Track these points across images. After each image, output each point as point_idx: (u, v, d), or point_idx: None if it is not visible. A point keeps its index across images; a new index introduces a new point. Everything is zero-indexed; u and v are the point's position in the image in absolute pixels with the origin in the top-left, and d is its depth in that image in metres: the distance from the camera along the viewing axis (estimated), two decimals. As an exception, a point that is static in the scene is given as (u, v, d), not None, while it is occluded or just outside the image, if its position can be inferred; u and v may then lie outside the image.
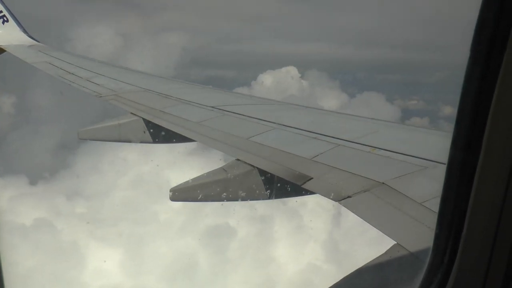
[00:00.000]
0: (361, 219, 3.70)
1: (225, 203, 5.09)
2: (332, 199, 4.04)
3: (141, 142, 7.21)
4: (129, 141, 7.43)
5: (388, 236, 3.35)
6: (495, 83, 1.34)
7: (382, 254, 3.15)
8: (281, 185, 4.79)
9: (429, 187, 3.83)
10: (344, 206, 3.88)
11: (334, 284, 3.02)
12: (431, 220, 3.26)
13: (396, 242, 3.18)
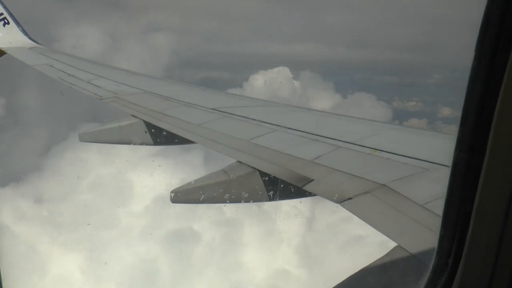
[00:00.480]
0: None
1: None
2: (333, 201, 4.05)
3: (142, 144, 7.21)
4: (130, 143, 7.43)
5: (390, 238, 3.35)
6: (500, 83, 1.34)
7: (383, 256, 3.15)
8: (282, 187, 4.79)
9: (431, 189, 3.83)
10: (345, 208, 3.88)
11: (335, 286, 3.02)
12: (433, 222, 3.26)
13: (397, 244, 3.19)
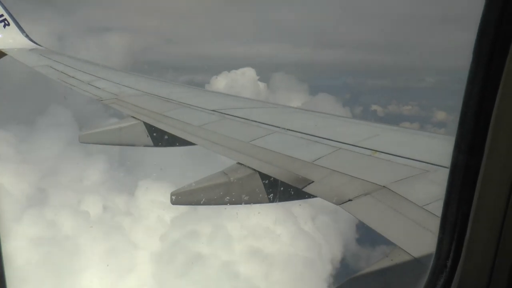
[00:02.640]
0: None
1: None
2: (333, 202, 4.05)
3: (142, 145, 7.22)
4: (130, 145, 7.43)
5: (390, 239, 3.35)
6: (498, 86, 1.34)
7: (384, 258, 3.15)
8: (282, 189, 4.79)
9: (430, 191, 3.83)
10: (345, 210, 3.89)
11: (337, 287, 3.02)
12: (433, 224, 3.26)
13: (397, 246, 3.19)
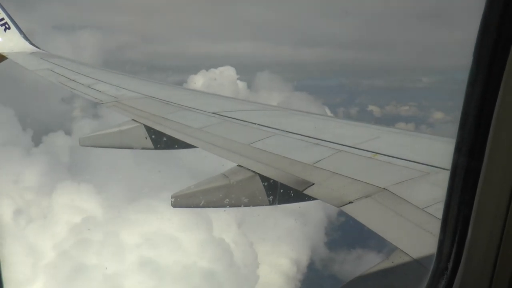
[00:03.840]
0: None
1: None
2: (333, 204, 4.04)
3: (143, 148, 7.22)
4: (131, 148, 7.43)
5: (390, 241, 3.34)
6: (498, 88, 1.34)
7: (384, 260, 3.14)
8: (282, 191, 4.79)
9: (431, 193, 3.83)
10: (346, 212, 3.88)
11: None
12: (433, 226, 3.26)
13: (398, 248, 3.18)
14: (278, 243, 48.74)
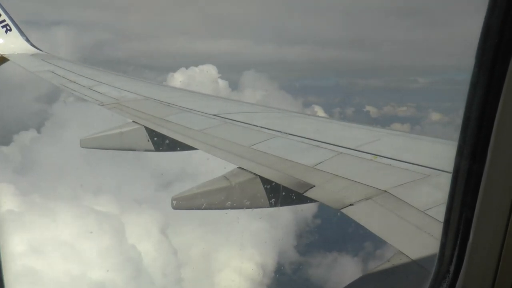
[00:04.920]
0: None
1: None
2: (334, 207, 4.04)
3: (143, 150, 7.22)
4: (131, 150, 7.44)
5: (391, 244, 3.34)
6: (501, 90, 1.34)
7: (385, 262, 3.14)
8: (283, 193, 4.79)
9: (432, 195, 3.83)
10: (347, 214, 3.88)
11: None
12: (434, 228, 3.26)
13: (399, 250, 3.18)
14: (244, 247, 47.23)
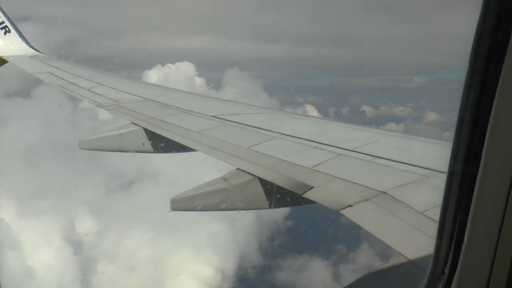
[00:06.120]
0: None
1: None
2: (333, 208, 4.04)
3: (142, 151, 7.22)
4: (130, 151, 7.44)
5: (390, 245, 3.34)
6: (494, 94, 1.35)
7: (383, 263, 3.14)
8: (281, 195, 4.79)
9: (430, 196, 3.83)
10: (345, 215, 3.88)
11: None
12: (432, 230, 3.25)
13: (397, 251, 3.18)
14: (202, 250, 45.23)
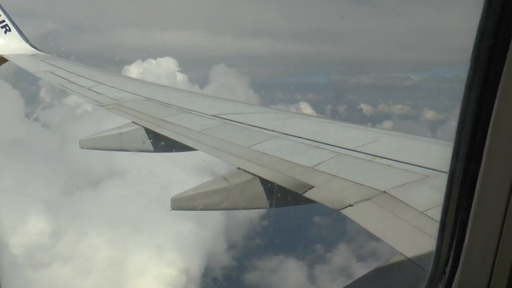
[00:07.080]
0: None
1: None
2: (333, 207, 4.05)
3: (142, 151, 7.22)
4: (131, 150, 7.44)
5: (390, 244, 3.34)
6: (496, 92, 1.35)
7: (384, 263, 3.15)
8: (282, 194, 4.79)
9: (431, 196, 3.83)
10: (346, 215, 3.88)
11: None
12: (433, 229, 3.26)
13: (398, 251, 3.18)
14: (166, 251, 43.14)
